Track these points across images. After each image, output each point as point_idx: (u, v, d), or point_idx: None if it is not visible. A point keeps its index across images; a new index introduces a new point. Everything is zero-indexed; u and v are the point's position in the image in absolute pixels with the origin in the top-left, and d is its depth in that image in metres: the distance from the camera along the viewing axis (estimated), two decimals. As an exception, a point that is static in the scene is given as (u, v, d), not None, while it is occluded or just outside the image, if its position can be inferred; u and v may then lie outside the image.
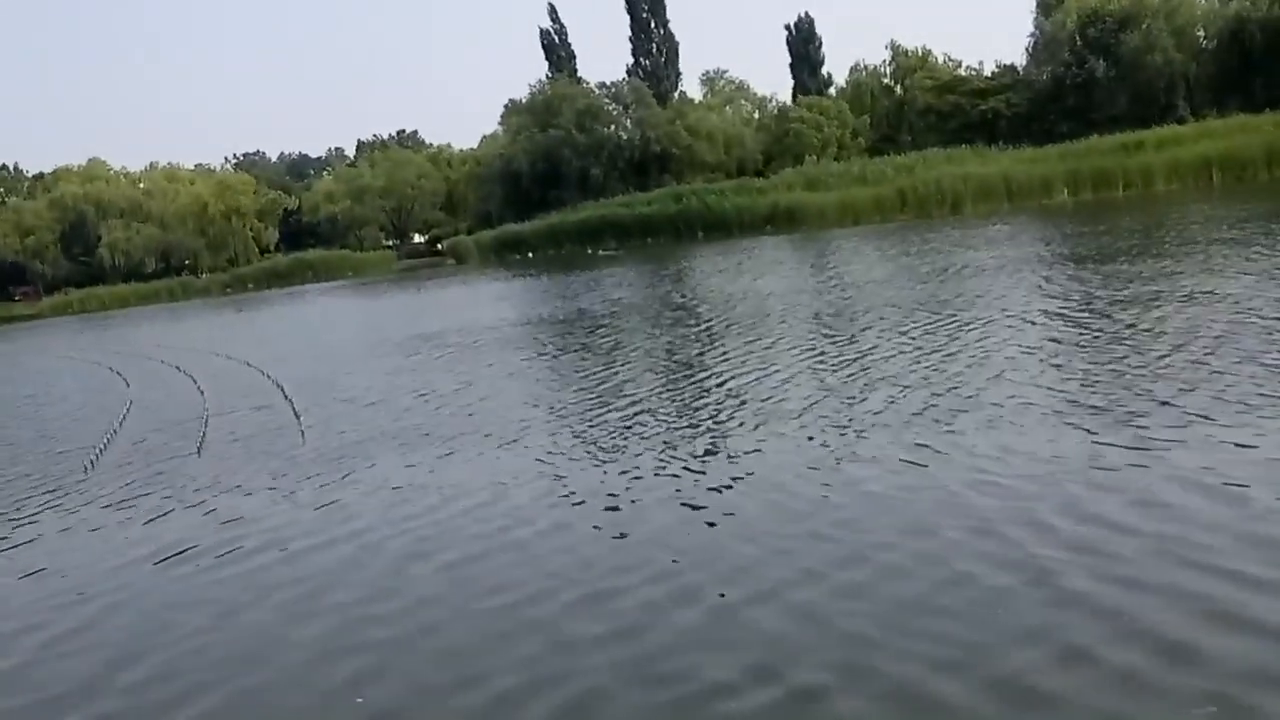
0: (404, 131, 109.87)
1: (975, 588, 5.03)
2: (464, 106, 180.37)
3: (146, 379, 19.35)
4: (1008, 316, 13.07)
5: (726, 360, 12.65)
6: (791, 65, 77.79)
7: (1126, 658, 4.19)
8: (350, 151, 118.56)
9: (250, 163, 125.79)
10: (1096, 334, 11.11)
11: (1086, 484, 6.22)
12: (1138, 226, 24.93)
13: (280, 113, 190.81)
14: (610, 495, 7.43)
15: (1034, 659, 4.27)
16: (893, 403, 9.01)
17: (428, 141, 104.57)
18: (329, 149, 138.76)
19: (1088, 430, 7.33)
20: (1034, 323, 12.42)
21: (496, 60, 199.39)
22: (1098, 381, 8.78)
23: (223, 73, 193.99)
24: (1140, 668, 4.10)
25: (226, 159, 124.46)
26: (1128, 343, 10.33)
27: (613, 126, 68.84)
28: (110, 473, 10.45)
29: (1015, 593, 4.91)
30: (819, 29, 76.99)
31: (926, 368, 10.39)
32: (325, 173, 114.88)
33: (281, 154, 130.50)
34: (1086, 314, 12.52)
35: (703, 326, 16.76)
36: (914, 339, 12.29)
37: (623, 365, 13.69)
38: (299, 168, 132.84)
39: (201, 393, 15.77)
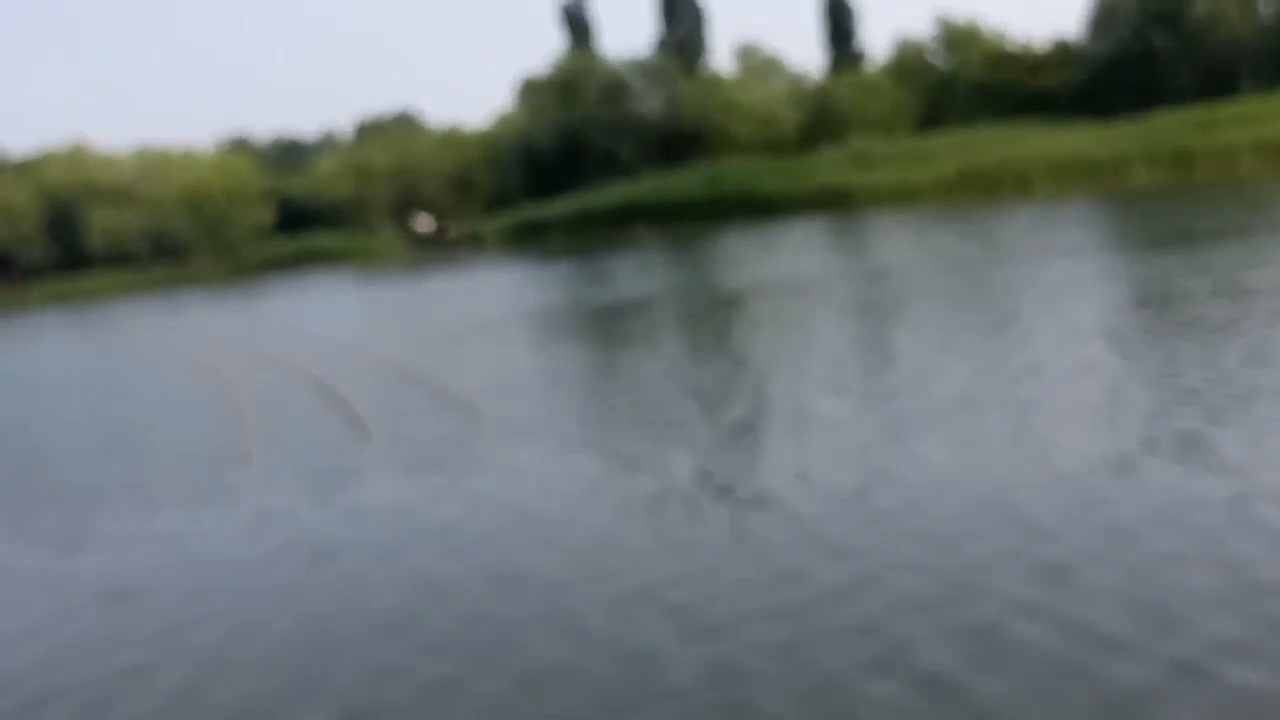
0: (404, 113, 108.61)
1: None
2: (466, 83, 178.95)
3: (242, 368, 18.32)
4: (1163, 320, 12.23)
5: (912, 349, 11.79)
6: (824, 38, 76.67)
7: None
8: (343, 131, 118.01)
9: (238, 145, 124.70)
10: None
11: None
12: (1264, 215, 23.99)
13: (265, 92, 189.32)
14: (856, 493, 7.11)
15: None
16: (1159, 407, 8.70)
17: (429, 121, 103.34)
18: (321, 129, 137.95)
19: None
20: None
21: (501, 34, 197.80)
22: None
23: (202, 51, 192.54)
24: None
25: (216, 141, 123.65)
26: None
27: (641, 103, 67.63)
28: (276, 465, 10.00)
29: None
30: (855, 1, 75.80)
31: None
32: (321, 155, 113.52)
33: (277, 137, 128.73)
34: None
35: (840, 313, 15.82)
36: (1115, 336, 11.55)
37: (772, 351, 12.86)
38: (290, 149, 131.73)
39: (319, 378, 14.89)
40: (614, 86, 67.88)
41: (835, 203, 48.75)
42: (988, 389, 9.28)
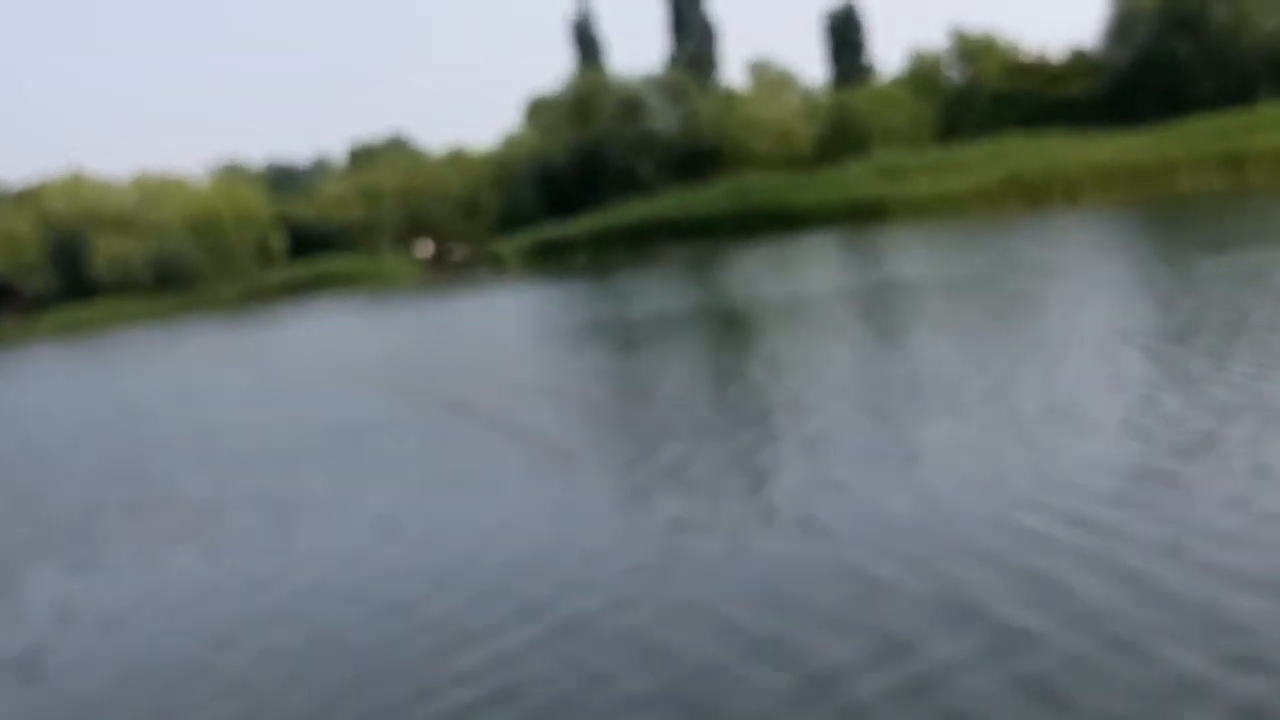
0: (397, 137, 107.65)
1: None
2: (458, 106, 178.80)
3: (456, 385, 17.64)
4: None
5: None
6: (828, 52, 76.60)
7: None
8: (336, 156, 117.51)
9: (232, 170, 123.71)
10: None
11: None
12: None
13: (255, 118, 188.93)
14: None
15: None
16: None
17: (421, 144, 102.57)
18: (313, 154, 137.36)
19: None
20: None
21: (489, 58, 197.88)
22: None
23: (189, 77, 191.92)
24: None
25: (208, 168, 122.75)
26: None
27: (656, 120, 67.33)
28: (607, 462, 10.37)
29: None
30: (863, 13, 75.82)
31: None
32: (314, 179, 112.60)
33: (271, 162, 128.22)
34: None
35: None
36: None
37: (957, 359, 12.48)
38: (283, 174, 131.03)
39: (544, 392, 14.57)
40: (629, 103, 67.60)
41: (868, 215, 48.33)
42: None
